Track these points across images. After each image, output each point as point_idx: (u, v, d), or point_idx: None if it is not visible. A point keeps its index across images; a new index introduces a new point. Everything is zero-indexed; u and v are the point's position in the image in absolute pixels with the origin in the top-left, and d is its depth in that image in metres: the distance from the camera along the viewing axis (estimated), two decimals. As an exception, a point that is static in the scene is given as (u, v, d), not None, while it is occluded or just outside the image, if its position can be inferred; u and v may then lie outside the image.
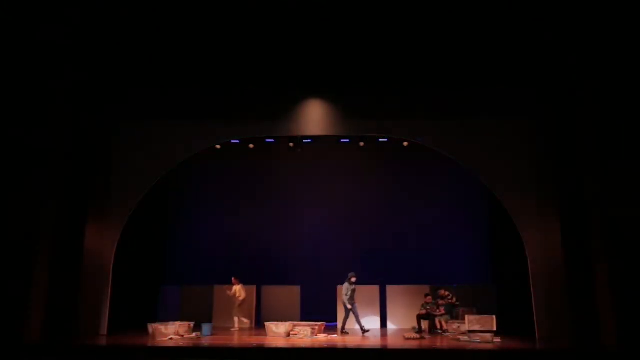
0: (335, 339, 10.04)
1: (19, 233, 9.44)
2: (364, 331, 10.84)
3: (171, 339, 9.87)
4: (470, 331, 9.59)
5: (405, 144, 12.15)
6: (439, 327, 11.31)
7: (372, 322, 12.46)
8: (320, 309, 12.96)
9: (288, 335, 10.18)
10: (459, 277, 13.67)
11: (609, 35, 9.23)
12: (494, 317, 9.59)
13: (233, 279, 12.21)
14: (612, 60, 9.25)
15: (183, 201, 15.04)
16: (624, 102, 9.08)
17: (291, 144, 12.62)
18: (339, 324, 11.44)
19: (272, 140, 12.70)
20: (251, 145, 12.66)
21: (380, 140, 12.47)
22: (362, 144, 12.44)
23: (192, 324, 10.86)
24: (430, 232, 14.28)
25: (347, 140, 12.83)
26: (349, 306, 11.00)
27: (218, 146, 12.13)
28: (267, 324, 10.59)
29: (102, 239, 11.01)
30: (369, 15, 9.95)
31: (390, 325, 12.69)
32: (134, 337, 10.20)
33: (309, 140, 12.68)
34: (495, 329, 9.47)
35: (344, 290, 11.12)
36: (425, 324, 11.16)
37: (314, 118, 11.39)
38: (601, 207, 9.05)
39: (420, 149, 11.88)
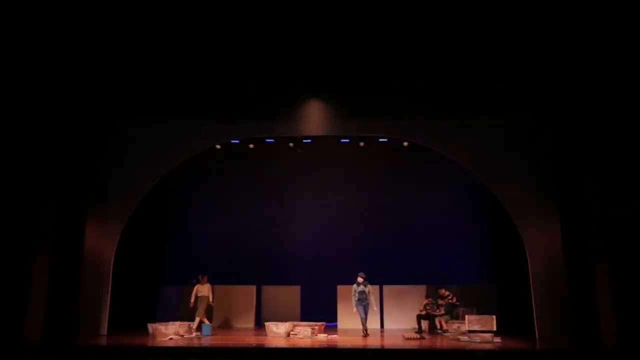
0: (335, 339, 10.04)
1: (19, 233, 9.44)
2: (364, 333, 10.63)
3: (171, 339, 9.87)
4: (470, 331, 9.59)
5: (405, 144, 12.15)
6: (439, 327, 11.32)
7: (372, 322, 12.46)
8: (320, 309, 12.96)
9: (288, 335, 10.18)
10: (459, 277, 13.67)
11: (609, 35, 9.22)
12: (494, 317, 9.59)
13: (202, 277, 11.62)
14: (612, 60, 9.24)
15: (183, 201, 15.03)
16: (624, 102, 9.07)
17: (291, 144, 12.62)
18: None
19: (272, 140, 12.71)
20: (251, 145, 12.65)
21: (380, 140, 12.47)
22: (362, 144, 12.43)
23: (192, 324, 10.86)
24: (430, 232, 14.27)
25: (347, 140, 12.83)
26: (354, 309, 10.73)
27: (218, 146, 12.13)
28: (267, 324, 10.59)
29: (102, 239, 11.01)
30: (368, 15, 9.94)
31: (390, 326, 12.69)
32: (134, 337, 10.21)
33: (309, 140, 12.68)
34: (495, 329, 9.47)
35: (352, 291, 10.91)
36: (425, 324, 11.16)
37: (314, 118, 11.38)
38: (601, 207, 9.04)
39: (420, 149, 11.88)
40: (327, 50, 10.58)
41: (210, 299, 11.47)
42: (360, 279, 10.81)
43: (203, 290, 11.47)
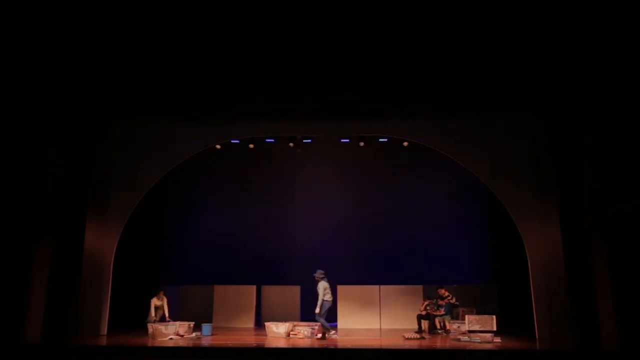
0: (336, 339, 10.04)
1: (18, 233, 9.44)
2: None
3: (171, 339, 9.87)
4: (470, 331, 9.59)
5: (405, 144, 12.15)
6: (439, 327, 11.31)
7: (370, 322, 12.47)
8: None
9: (288, 335, 10.18)
10: (459, 277, 13.67)
11: (609, 34, 9.22)
12: (494, 317, 9.59)
13: (160, 292, 11.44)
14: (613, 59, 9.24)
15: (183, 201, 15.03)
16: (625, 102, 9.07)
17: (291, 144, 12.61)
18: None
19: (272, 140, 12.70)
20: (251, 145, 12.65)
21: (380, 140, 12.47)
22: (362, 144, 12.43)
23: (192, 324, 10.86)
24: (430, 232, 14.26)
25: (347, 140, 12.82)
26: None
27: (218, 146, 12.13)
28: (267, 324, 10.59)
29: (102, 239, 11.00)
30: (368, 15, 9.95)
31: (389, 326, 12.68)
32: (134, 337, 10.20)
33: (309, 140, 12.68)
34: (495, 329, 9.47)
35: None
36: (425, 324, 11.15)
37: (314, 118, 11.38)
38: (601, 207, 9.04)
39: (420, 149, 11.87)
40: (326, 49, 10.58)
41: (166, 314, 11.23)
42: (316, 277, 10.37)
43: (159, 303, 11.31)
